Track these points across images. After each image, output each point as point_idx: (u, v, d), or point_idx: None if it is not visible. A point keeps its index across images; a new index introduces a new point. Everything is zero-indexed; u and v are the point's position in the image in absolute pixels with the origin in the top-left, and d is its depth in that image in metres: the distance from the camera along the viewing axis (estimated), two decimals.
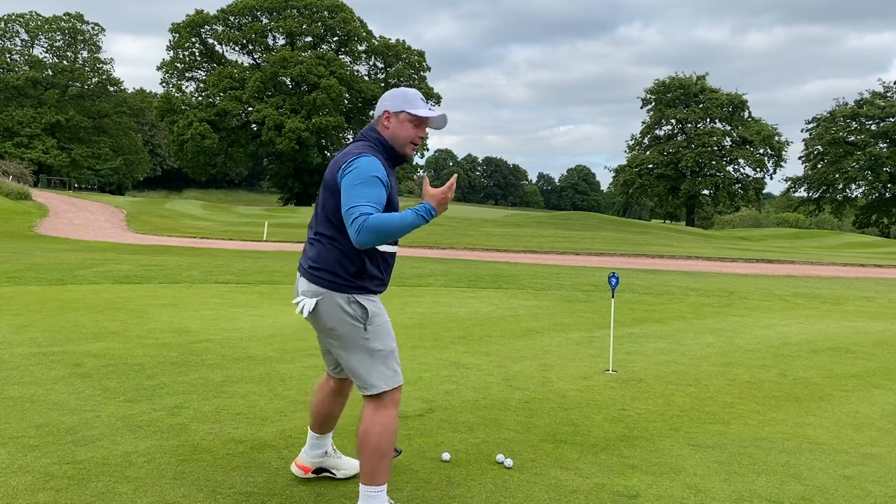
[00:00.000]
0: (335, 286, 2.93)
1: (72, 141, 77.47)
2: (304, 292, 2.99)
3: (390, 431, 2.98)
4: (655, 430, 4.43)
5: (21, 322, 7.44)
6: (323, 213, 2.97)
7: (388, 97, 3.08)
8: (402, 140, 3.04)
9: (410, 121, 3.03)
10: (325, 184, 2.97)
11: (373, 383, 2.99)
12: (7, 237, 25.32)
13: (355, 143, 3.01)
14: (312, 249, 3.00)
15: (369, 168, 2.84)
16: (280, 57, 65.89)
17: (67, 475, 3.37)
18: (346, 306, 2.94)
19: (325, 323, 2.97)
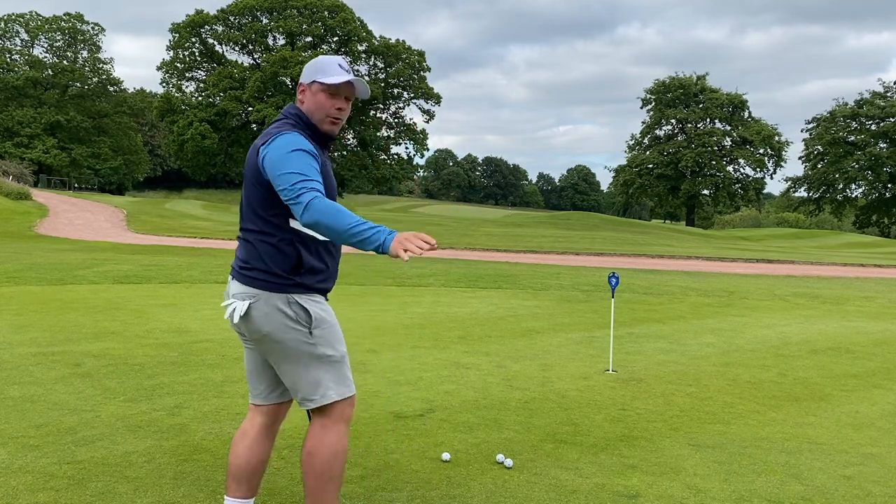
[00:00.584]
0: (270, 286, 2.56)
1: (72, 141, 77.45)
2: (235, 295, 2.62)
3: (339, 453, 2.63)
4: (655, 430, 4.43)
5: (21, 322, 7.44)
6: (248, 206, 2.63)
7: (306, 67, 2.74)
8: (320, 114, 2.66)
9: (323, 91, 2.64)
10: (247, 173, 2.63)
11: (321, 392, 2.61)
12: (7, 237, 25.31)
13: (274, 123, 2.67)
14: (242, 248, 2.67)
15: (292, 142, 2.49)
16: (280, 57, 65.88)
17: (67, 475, 3.37)
18: (284, 308, 2.56)
19: (261, 328, 2.57)
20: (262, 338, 2.60)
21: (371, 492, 3.32)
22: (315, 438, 2.62)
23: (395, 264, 16.56)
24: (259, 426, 2.80)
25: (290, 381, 2.65)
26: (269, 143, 2.53)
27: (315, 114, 2.67)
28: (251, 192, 2.60)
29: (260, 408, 2.81)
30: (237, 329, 2.70)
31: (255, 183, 2.58)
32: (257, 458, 2.77)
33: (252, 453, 2.76)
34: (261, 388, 2.80)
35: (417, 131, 73.39)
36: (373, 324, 8.09)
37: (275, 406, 2.81)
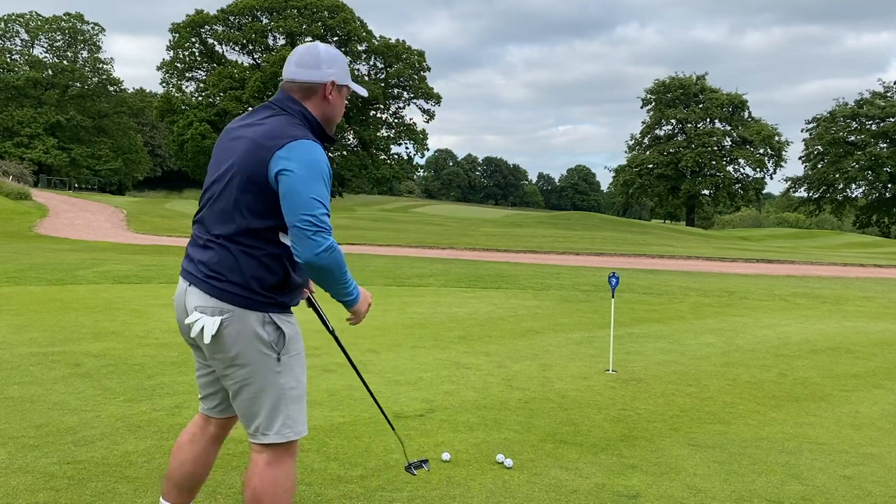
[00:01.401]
0: (247, 302, 2.30)
1: (72, 141, 77.48)
2: (202, 308, 2.32)
3: (288, 490, 2.38)
4: (655, 430, 4.43)
5: (21, 322, 7.44)
6: (233, 209, 2.31)
7: (329, 61, 2.43)
8: (334, 120, 2.49)
9: (346, 97, 2.52)
10: (242, 172, 2.29)
11: (277, 430, 2.36)
12: (7, 237, 25.31)
13: (280, 119, 2.36)
14: (211, 254, 2.33)
15: (319, 159, 2.26)
16: (280, 57, 65.85)
17: (67, 475, 3.37)
18: (259, 329, 2.31)
19: (229, 349, 2.31)
20: (227, 359, 2.34)
21: (371, 492, 3.32)
22: (259, 478, 2.35)
23: (395, 264, 16.56)
24: (210, 434, 2.63)
25: (246, 410, 2.39)
26: (292, 151, 2.24)
27: (333, 119, 2.49)
28: (243, 195, 2.29)
29: (211, 419, 2.64)
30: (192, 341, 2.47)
31: (255, 186, 2.28)
32: (206, 466, 2.63)
33: (200, 461, 2.60)
34: (214, 403, 2.60)
35: (417, 131, 73.38)
36: (373, 324, 8.09)
37: (232, 418, 2.64)
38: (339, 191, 78.59)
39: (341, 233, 30.69)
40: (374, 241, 27.89)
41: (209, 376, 2.56)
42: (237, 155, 2.34)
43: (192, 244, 2.45)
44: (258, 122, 2.37)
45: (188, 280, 2.39)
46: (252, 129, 2.36)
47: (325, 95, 2.43)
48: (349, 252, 21.49)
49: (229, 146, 2.40)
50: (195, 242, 2.43)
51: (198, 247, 2.40)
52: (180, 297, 2.43)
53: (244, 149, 2.32)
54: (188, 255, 2.44)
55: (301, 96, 2.43)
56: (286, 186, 2.22)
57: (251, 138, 2.32)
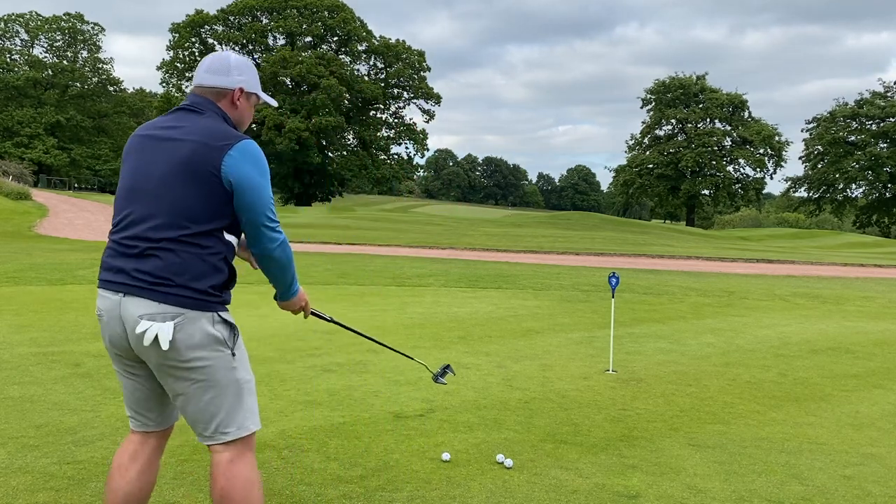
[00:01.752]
0: (199, 304, 2.27)
1: (72, 141, 77.50)
2: (150, 315, 2.24)
3: (255, 484, 2.38)
4: (655, 430, 4.43)
5: (21, 322, 7.44)
6: (181, 212, 2.26)
7: (239, 68, 2.48)
8: (247, 123, 2.57)
9: (255, 105, 2.58)
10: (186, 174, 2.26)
11: (239, 424, 2.36)
12: (7, 237, 25.31)
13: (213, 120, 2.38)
14: (156, 261, 2.26)
15: (263, 157, 2.35)
16: (280, 57, 65.89)
17: (67, 475, 3.37)
18: (211, 329, 2.30)
19: (184, 354, 2.26)
20: (181, 364, 2.27)
21: (371, 492, 3.32)
22: (224, 477, 2.34)
23: (395, 264, 16.55)
24: (152, 448, 2.53)
25: (204, 412, 2.33)
26: (243, 151, 2.29)
27: (243, 124, 2.55)
28: (191, 197, 2.26)
29: (151, 433, 2.54)
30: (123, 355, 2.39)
31: (205, 187, 2.26)
32: (150, 484, 2.52)
33: (145, 478, 2.50)
34: (151, 416, 2.51)
35: (417, 131, 73.39)
36: (373, 324, 8.09)
37: (169, 428, 2.59)
38: (340, 191, 78.59)
39: (342, 232, 30.69)
40: (373, 241, 27.89)
41: (144, 391, 2.47)
42: (174, 155, 2.29)
43: (120, 255, 2.33)
44: (187, 125, 2.35)
45: (121, 291, 2.29)
46: (185, 131, 2.33)
47: (234, 101, 2.48)
48: (349, 252, 21.48)
49: (158, 149, 2.34)
50: (125, 253, 2.31)
51: (130, 256, 2.30)
52: (113, 310, 2.31)
53: (185, 148, 2.29)
54: (113, 267, 2.33)
55: (215, 99, 2.46)
56: (247, 187, 2.28)
57: (191, 139, 2.29)
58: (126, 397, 2.51)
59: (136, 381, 2.45)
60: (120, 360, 2.43)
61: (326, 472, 3.54)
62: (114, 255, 2.35)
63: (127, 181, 2.39)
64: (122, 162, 2.46)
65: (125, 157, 2.45)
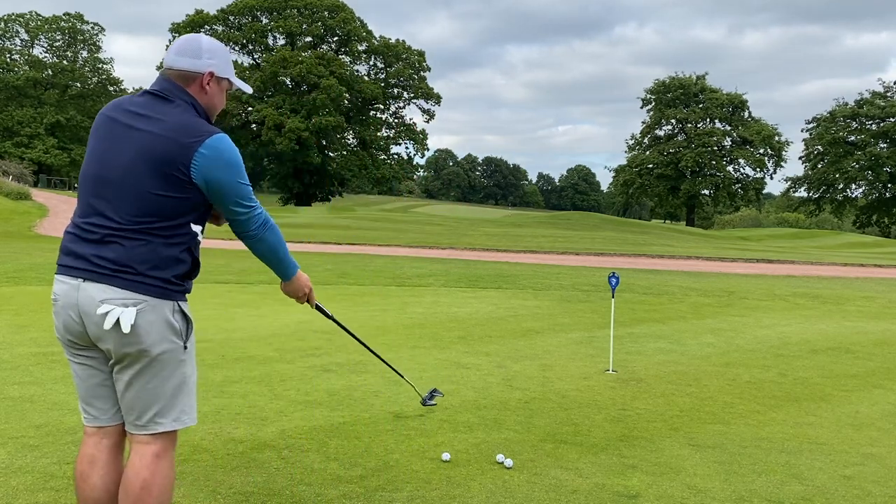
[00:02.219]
0: (161, 291, 2.28)
1: (72, 141, 77.47)
2: (111, 301, 2.23)
3: (172, 481, 2.40)
4: (655, 430, 4.43)
5: (21, 322, 7.44)
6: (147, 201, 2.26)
7: (210, 52, 2.41)
8: (218, 109, 2.51)
9: (228, 90, 2.53)
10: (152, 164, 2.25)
11: (174, 417, 2.37)
12: (7, 237, 25.31)
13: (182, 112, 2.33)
14: (118, 248, 2.24)
15: (236, 149, 2.36)
16: (280, 57, 65.90)
17: (67, 475, 3.37)
18: (170, 317, 2.32)
19: (142, 341, 2.26)
20: (138, 349, 2.28)
21: (371, 492, 3.32)
22: (149, 470, 2.31)
23: (395, 264, 16.55)
24: (108, 448, 2.45)
25: (144, 399, 2.33)
26: (213, 147, 2.27)
27: (214, 110, 2.49)
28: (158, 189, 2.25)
29: (105, 429, 2.46)
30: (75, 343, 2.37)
31: (171, 179, 2.25)
32: (115, 483, 2.41)
33: (110, 479, 2.42)
34: (106, 407, 2.44)
35: (417, 131, 73.39)
36: (373, 324, 8.09)
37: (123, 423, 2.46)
38: (340, 191, 78.60)
39: (342, 232, 30.69)
40: (373, 241, 27.88)
41: (97, 379, 2.41)
42: (142, 147, 2.27)
43: (82, 240, 2.30)
44: (157, 115, 2.31)
45: (80, 276, 2.27)
46: (154, 123, 2.29)
47: (203, 85, 2.41)
48: (349, 252, 21.48)
49: (123, 136, 2.31)
50: (87, 238, 2.29)
51: (90, 242, 2.28)
52: (70, 294, 2.29)
53: (154, 142, 2.26)
54: (74, 252, 2.30)
55: (184, 84, 2.39)
56: (219, 180, 2.29)
57: (160, 133, 2.27)
58: (78, 387, 2.46)
59: (89, 369, 2.41)
60: (72, 347, 2.40)
61: (326, 472, 3.54)
62: (75, 240, 2.32)
63: (92, 167, 2.35)
64: (89, 140, 2.43)
65: (92, 134, 2.41)
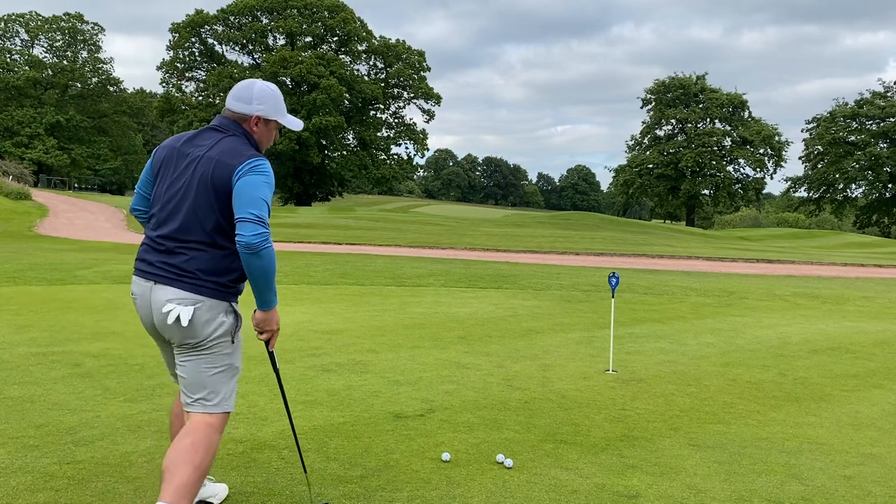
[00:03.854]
0: (217, 293, 2.73)
1: (72, 141, 77.46)
2: (176, 300, 2.69)
3: (213, 454, 2.76)
4: (655, 430, 4.43)
5: (21, 322, 7.44)
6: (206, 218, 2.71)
7: (259, 98, 2.88)
8: (266, 144, 2.98)
9: (277, 128, 2.99)
10: (208, 186, 2.70)
11: (218, 400, 2.79)
12: (7, 237, 25.31)
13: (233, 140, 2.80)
14: (184, 258, 2.71)
15: (269, 172, 2.74)
16: (280, 57, 65.90)
17: (67, 475, 3.37)
18: (223, 316, 2.76)
19: (199, 333, 2.71)
20: (194, 342, 2.73)
21: (371, 492, 3.32)
22: (202, 434, 2.72)
23: (395, 264, 16.55)
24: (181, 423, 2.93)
25: (196, 382, 2.77)
26: (255, 165, 2.69)
27: (263, 144, 2.95)
28: (214, 206, 2.70)
29: None
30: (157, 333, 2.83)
31: (223, 198, 2.69)
32: None
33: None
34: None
35: (417, 131, 73.36)
36: (373, 324, 8.09)
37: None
38: (339, 191, 78.57)
39: (342, 232, 30.69)
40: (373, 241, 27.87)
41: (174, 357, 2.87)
42: (202, 173, 2.72)
43: (153, 250, 2.79)
44: (213, 144, 2.79)
45: (152, 280, 2.75)
46: (210, 150, 2.77)
47: (252, 126, 2.88)
48: (349, 252, 21.49)
49: (184, 164, 2.79)
50: (157, 249, 2.78)
51: (161, 252, 2.76)
52: (144, 294, 2.78)
53: (209, 165, 2.72)
54: (146, 259, 2.80)
55: (241, 122, 2.89)
56: (238, 188, 2.66)
57: (214, 158, 2.73)
58: (165, 362, 3.03)
59: (167, 349, 2.93)
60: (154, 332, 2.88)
61: (326, 472, 3.54)
62: (148, 250, 2.82)
63: (160, 189, 2.84)
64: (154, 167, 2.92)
65: (156, 164, 2.91)
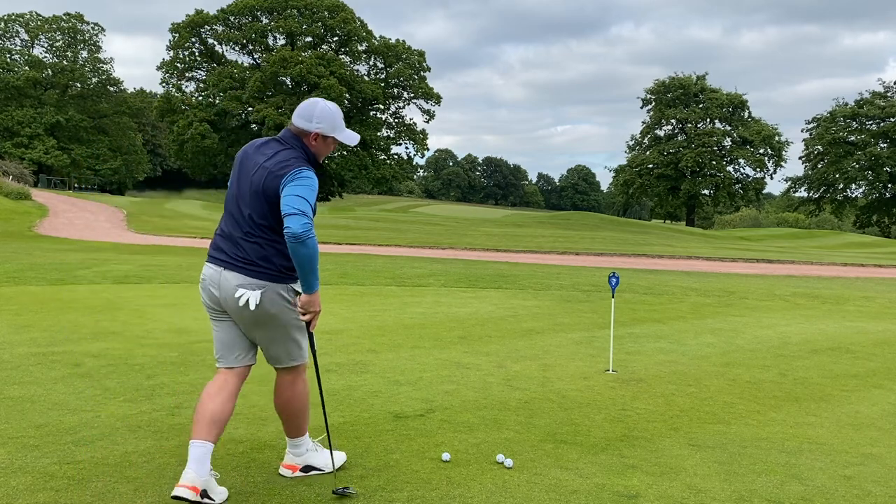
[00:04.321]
0: (277, 278, 3.26)
1: (72, 141, 77.43)
2: (243, 285, 3.22)
3: (306, 395, 3.50)
4: (655, 430, 4.43)
5: (21, 322, 7.44)
6: (262, 216, 3.23)
7: (319, 117, 3.32)
8: (323, 156, 3.45)
9: (334, 143, 3.46)
10: (259, 190, 3.21)
11: (300, 355, 3.44)
12: (7, 237, 25.31)
13: (287, 152, 3.28)
14: (248, 247, 3.24)
15: (312, 179, 3.21)
16: (280, 57, 65.88)
17: (67, 475, 3.37)
18: (285, 294, 3.29)
19: (269, 311, 3.26)
20: (267, 318, 3.27)
21: (371, 492, 3.32)
22: (290, 390, 3.45)
23: (395, 264, 16.56)
24: (233, 385, 3.35)
25: (276, 349, 3.37)
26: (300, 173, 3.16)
27: (321, 156, 3.43)
28: (262, 207, 3.22)
29: (233, 370, 3.38)
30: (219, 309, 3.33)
31: (274, 199, 3.18)
32: (229, 412, 3.30)
33: (228, 406, 3.29)
34: (234, 354, 3.38)
35: (417, 131, 73.37)
36: (373, 324, 8.09)
37: (245, 367, 3.42)
38: (339, 191, 78.55)
39: (342, 232, 30.70)
40: (373, 241, 27.88)
41: (231, 333, 3.36)
42: (258, 178, 3.23)
43: (224, 239, 3.32)
44: (272, 155, 3.28)
45: (222, 266, 3.27)
46: (268, 160, 3.26)
47: (311, 141, 3.34)
48: (349, 252, 21.49)
49: (251, 168, 3.29)
50: (227, 239, 3.31)
51: (231, 241, 3.29)
52: (214, 277, 3.29)
53: (264, 174, 3.22)
54: (218, 248, 3.32)
55: (301, 136, 3.35)
56: (285, 194, 3.13)
57: (268, 168, 3.22)
58: (215, 340, 3.41)
59: (225, 325, 3.36)
60: (214, 311, 3.36)
61: (326, 472, 3.54)
62: (220, 240, 3.34)
63: (232, 189, 3.36)
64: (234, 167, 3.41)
65: (235, 165, 3.41)
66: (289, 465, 3.53)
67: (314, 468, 3.55)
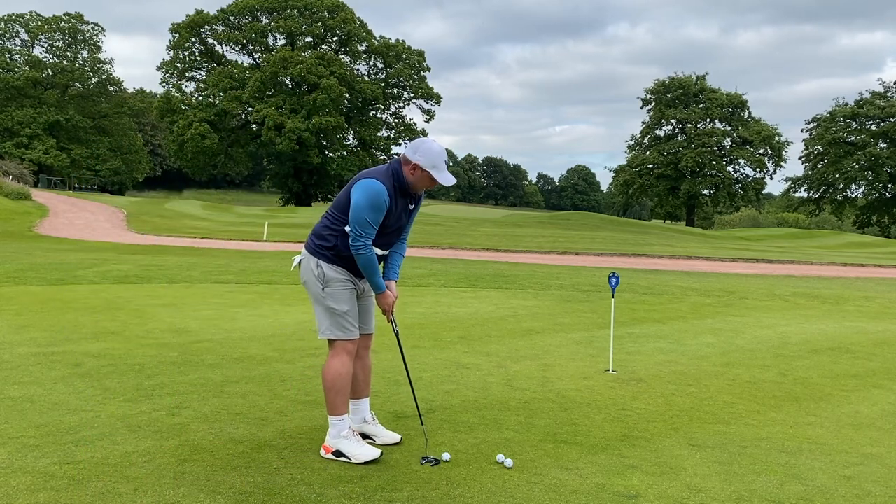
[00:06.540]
0: (313, 252, 3.86)
1: (72, 141, 77.47)
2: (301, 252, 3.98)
3: (340, 374, 3.79)
4: (655, 430, 4.43)
5: (21, 322, 7.44)
6: (336, 208, 3.85)
7: (423, 152, 3.76)
8: (419, 188, 3.88)
9: (431, 178, 3.81)
10: (344, 193, 3.84)
11: (322, 330, 3.87)
12: (7, 237, 25.31)
13: (380, 169, 3.81)
14: (319, 223, 3.91)
15: (376, 195, 3.67)
16: (280, 57, 65.89)
17: (67, 475, 3.37)
18: (314, 268, 3.84)
19: (302, 277, 3.91)
20: (304, 284, 3.92)
21: (371, 492, 3.32)
22: (325, 364, 3.87)
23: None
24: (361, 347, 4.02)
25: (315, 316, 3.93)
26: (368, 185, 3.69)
27: (416, 187, 3.85)
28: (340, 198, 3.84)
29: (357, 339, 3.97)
30: None
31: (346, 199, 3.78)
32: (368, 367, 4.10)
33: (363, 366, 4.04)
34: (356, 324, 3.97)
35: (417, 131, 73.38)
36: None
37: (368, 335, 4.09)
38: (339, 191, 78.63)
39: None
40: None
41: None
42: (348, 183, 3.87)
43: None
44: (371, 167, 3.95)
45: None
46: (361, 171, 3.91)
47: (410, 170, 3.80)
48: None
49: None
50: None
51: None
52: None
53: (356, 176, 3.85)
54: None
55: (405, 162, 3.82)
56: (351, 205, 3.71)
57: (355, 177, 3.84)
58: None
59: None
60: None
61: (326, 472, 3.54)
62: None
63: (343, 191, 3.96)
64: None
65: None
66: (324, 446, 3.79)
67: (344, 455, 3.70)
